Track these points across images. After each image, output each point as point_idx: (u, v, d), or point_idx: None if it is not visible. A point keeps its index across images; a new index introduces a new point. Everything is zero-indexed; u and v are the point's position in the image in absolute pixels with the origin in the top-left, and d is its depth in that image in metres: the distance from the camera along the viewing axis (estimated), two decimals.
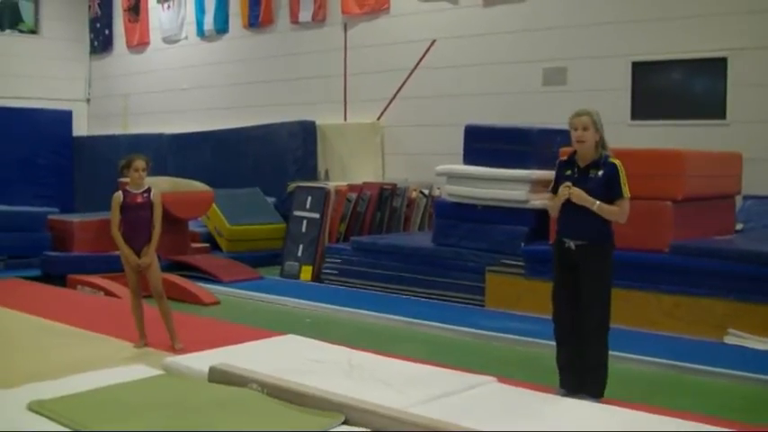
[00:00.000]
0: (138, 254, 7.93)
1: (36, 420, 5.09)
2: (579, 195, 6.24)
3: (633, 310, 9.07)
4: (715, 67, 11.93)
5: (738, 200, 11.06)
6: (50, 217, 13.87)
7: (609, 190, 6.29)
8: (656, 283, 9.27)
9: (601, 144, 6.39)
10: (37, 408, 5.23)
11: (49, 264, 12.79)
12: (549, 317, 6.72)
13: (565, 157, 6.66)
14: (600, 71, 12.84)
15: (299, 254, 13.17)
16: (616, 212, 6.29)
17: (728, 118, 11.77)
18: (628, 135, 11.81)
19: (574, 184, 6.32)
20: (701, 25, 11.96)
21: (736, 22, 11.72)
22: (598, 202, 6.22)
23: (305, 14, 17.04)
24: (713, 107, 11.93)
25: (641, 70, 12.53)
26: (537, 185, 10.60)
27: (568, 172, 6.48)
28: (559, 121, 12.20)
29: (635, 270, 9.14)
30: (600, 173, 6.32)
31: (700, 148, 10.57)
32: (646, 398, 6.55)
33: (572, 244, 6.36)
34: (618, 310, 6.40)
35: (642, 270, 9.26)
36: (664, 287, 9.22)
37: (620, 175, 6.28)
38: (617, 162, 6.33)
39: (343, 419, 4.96)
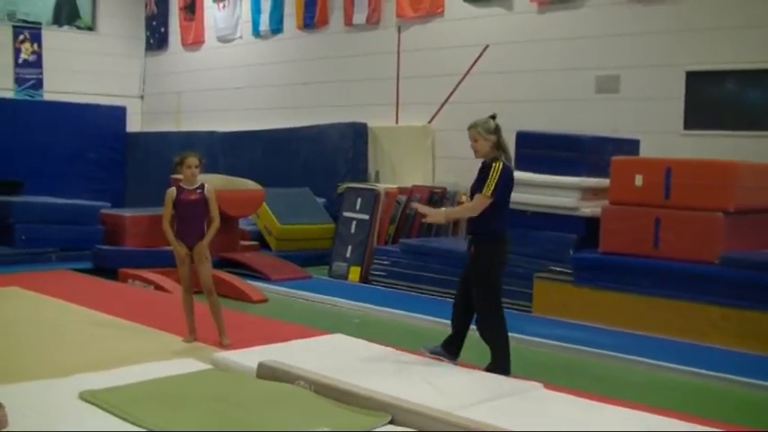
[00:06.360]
0: (191, 250, 7.99)
1: (87, 409, 5.21)
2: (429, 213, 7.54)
3: (681, 320, 9.02)
4: None
5: None
6: (103, 211, 14.04)
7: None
8: (704, 294, 9.16)
9: (496, 146, 6.89)
10: (88, 397, 5.36)
11: (101, 257, 12.98)
12: (597, 325, 6.71)
13: None
14: (653, 80, 12.74)
15: (348, 254, 13.24)
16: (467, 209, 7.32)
17: None
18: (680, 145, 11.73)
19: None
20: (756, 36, 11.83)
21: None
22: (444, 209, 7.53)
23: (359, 17, 17.09)
24: (767, 119, 11.81)
25: (695, 80, 12.41)
26: (588, 193, 10.59)
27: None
28: (611, 129, 12.19)
29: (684, 281, 9.11)
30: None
31: (753, 160, 10.49)
32: (691, 408, 6.52)
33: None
34: (666, 321, 6.39)
35: (691, 281, 9.19)
36: (712, 299, 9.10)
37: (492, 173, 6.77)
38: (495, 163, 6.80)
39: (389, 419, 5.02)
